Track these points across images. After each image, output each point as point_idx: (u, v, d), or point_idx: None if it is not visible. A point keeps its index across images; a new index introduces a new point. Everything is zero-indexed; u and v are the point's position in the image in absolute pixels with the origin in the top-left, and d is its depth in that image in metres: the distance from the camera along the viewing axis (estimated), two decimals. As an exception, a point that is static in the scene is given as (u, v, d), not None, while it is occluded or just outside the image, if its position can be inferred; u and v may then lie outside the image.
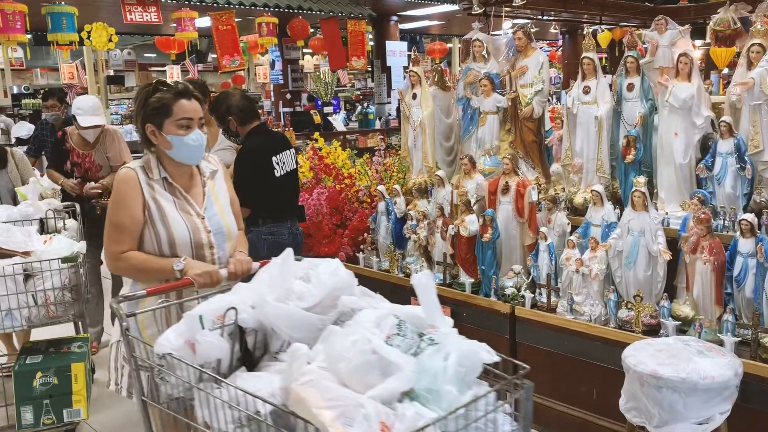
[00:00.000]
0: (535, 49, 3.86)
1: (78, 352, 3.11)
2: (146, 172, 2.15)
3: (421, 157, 4.16)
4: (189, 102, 2.14)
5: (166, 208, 2.13)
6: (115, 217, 2.12)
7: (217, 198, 2.27)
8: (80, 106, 4.19)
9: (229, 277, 2.09)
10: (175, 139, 2.11)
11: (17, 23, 7.43)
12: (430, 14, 12.75)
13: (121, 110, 19.01)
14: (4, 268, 2.87)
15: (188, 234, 2.14)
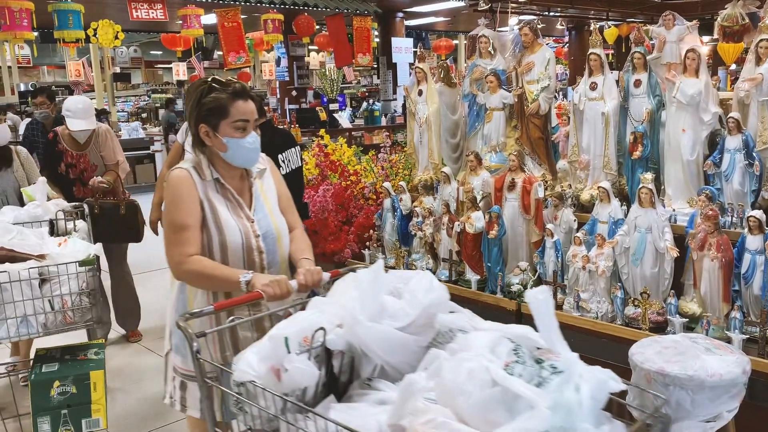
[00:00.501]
0: (541, 45, 3.84)
1: (96, 359, 3.00)
2: (198, 172, 2.07)
3: (427, 154, 4.15)
4: (245, 103, 2.03)
5: (220, 210, 2.05)
6: (176, 217, 2.01)
7: (267, 198, 2.18)
8: (69, 108, 4.12)
9: (299, 288, 1.93)
10: (231, 141, 2.02)
11: (24, 20, 7.47)
12: (436, 11, 12.73)
13: (127, 107, 19.10)
14: (19, 273, 2.74)
15: (241, 238, 2.06)
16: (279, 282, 1.87)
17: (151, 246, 4.21)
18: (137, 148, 11.83)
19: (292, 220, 2.27)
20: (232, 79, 2.07)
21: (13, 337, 2.80)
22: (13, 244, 2.84)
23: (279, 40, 10.42)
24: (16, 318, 2.76)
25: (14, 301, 2.71)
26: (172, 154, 4.06)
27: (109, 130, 4.45)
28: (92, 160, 4.25)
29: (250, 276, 1.91)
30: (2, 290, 2.71)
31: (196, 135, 2.06)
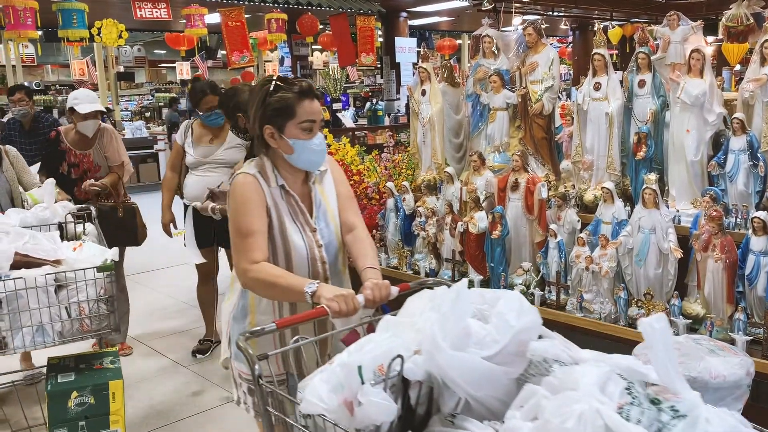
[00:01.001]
0: (545, 45, 3.83)
1: (113, 368, 2.89)
2: (264, 178, 1.97)
3: (430, 154, 4.15)
4: (312, 102, 1.94)
5: (285, 219, 1.97)
6: (243, 223, 1.92)
7: (328, 204, 2.07)
8: (76, 96, 4.03)
9: (366, 304, 1.76)
10: (298, 143, 1.93)
11: (28, 20, 7.49)
12: (440, 10, 12.72)
13: (130, 106, 19.12)
14: (36, 279, 2.61)
15: (305, 249, 1.97)
16: (345, 297, 1.71)
17: (151, 247, 4.22)
18: (141, 147, 11.85)
19: (353, 219, 2.13)
20: (297, 77, 2.04)
21: (29, 346, 2.69)
22: (27, 249, 2.71)
23: (282, 40, 10.44)
24: (32, 326, 2.65)
25: (30, 309, 2.61)
26: (173, 155, 4.06)
27: (114, 130, 4.33)
28: (96, 160, 4.15)
29: (316, 286, 1.77)
30: (18, 297, 2.60)
31: (260, 137, 1.97)
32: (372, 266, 1.95)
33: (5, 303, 2.59)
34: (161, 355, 4.09)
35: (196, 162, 3.84)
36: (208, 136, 3.88)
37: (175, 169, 3.98)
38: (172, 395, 3.67)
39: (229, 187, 2.06)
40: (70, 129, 4.12)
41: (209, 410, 3.46)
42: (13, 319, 2.61)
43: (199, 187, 3.78)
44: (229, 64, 10.41)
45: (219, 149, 3.84)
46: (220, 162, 3.82)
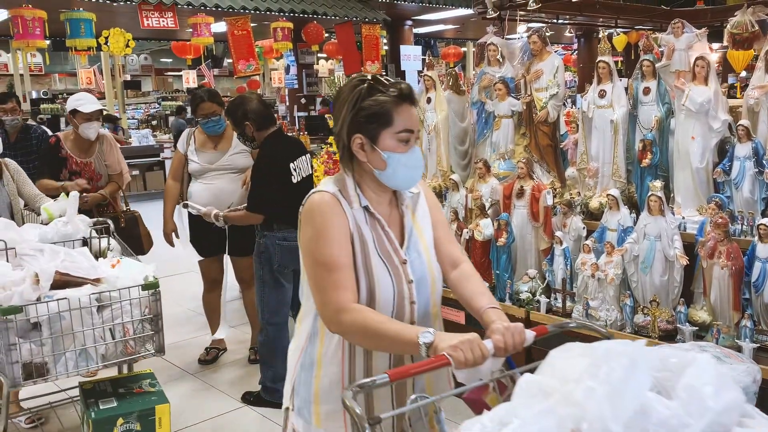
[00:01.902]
0: (550, 52, 3.84)
1: (155, 391, 2.77)
2: (344, 197, 1.64)
3: (436, 161, 4.16)
4: (411, 108, 1.62)
5: (369, 247, 1.63)
6: (326, 255, 1.57)
7: (421, 233, 1.73)
8: (78, 97, 3.90)
9: (496, 353, 1.43)
10: (393, 157, 1.60)
11: (36, 29, 7.56)
12: (445, 18, 12.77)
13: (137, 115, 19.24)
14: (80, 300, 2.45)
15: (392, 285, 1.62)
16: (471, 343, 1.39)
17: (156, 255, 4.23)
18: (147, 156, 11.91)
19: (457, 252, 1.79)
20: (398, 80, 1.67)
21: (72, 371, 2.52)
22: (66, 267, 2.54)
23: (288, 48, 10.48)
24: (75, 350, 2.50)
25: (74, 332, 2.46)
26: (174, 164, 4.03)
27: (112, 137, 4.19)
28: (97, 169, 4.00)
29: (432, 337, 1.42)
30: (61, 319, 2.45)
31: (347, 148, 1.63)
32: (494, 306, 1.60)
33: (46, 326, 2.44)
34: (168, 363, 4.11)
35: (202, 169, 3.85)
36: (212, 143, 3.89)
37: (177, 178, 3.96)
38: (179, 403, 3.67)
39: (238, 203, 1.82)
40: (70, 135, 3.95)
41: (216, 417, 3.46)
42: (55, 342, 2.46)
43: (206, 195, 3.79)
44: (235, 73, 10.46)
45: (225, 155, 3.85)
46: (227, 168, 3.83)
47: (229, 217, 3.46)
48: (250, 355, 4.16)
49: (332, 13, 10.38)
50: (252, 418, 3.46)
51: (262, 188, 3.30)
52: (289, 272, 3.42)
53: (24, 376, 2.43)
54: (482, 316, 1.58)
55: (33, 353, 2.43)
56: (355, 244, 1.61)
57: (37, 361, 2.44)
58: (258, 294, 3.43)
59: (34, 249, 2.66)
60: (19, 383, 2.42)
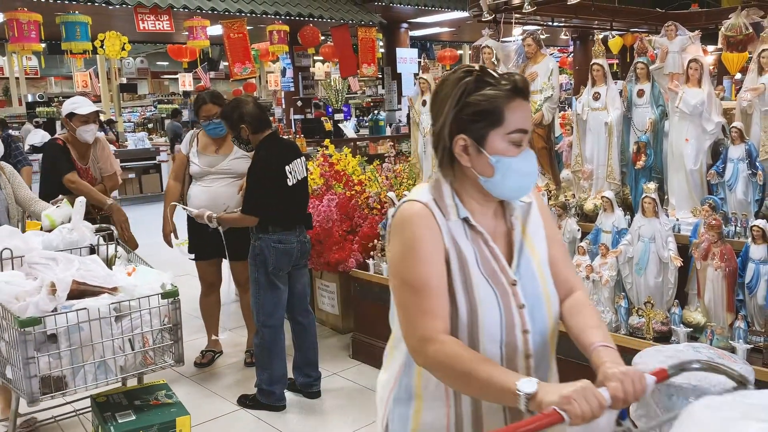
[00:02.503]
0: (544, 55, 3.86)
1: (173, 402, 2.69)
2: (440, 207, 1.40)
3: (431, 164, 4.17)
4: (524, 104, 1.38)
5: (470, 265, 1.38)
6: (414, 273, 1.35)
7: (534, 250, 1.46)
8: (74, 101, 3.81)
9: (613, 404, 1.18)
10: (503, 161, 1.35)
11: (32, 32, 7.55)
12: (441, 21, 12.79)
13: (133, 118, 19.23)
14: (99, 310, 2.37)
15: (499, 310, 1.36)
16: (585, 392, 1.15)
17: (152, 258, 4.23)
18: (143, 159, 11.91)
19: (572, 276, 1.52)
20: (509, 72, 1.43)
21: (90, 384, 2.44)
22: (83, 276, 2.45)
23: (284, 51, 10.48)
24: (94, 362, 2.41)
25: (93, 343, 2.38)
26: (176, 165, 4.06)
27: (104, 138, 4.09)
28: (94, 174, 3.93)
29: (535, 387, 1.18)
30: (80, 330, 2.36)
31: (447, 150, 1.40)
32: (607, 344, 1.32)
33: (64, 338, 2.35)
34: (189, 380, 4.10)
35: (202, 172, 3.85)
36: (214, 146, 3.90)
37: (178, 179, 3.98)
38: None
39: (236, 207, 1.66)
40: (68, 138, 3.85)
41: (212, 420, 3.46)
42: (73, 354, 2.37)
43: (203, 198, 3.80)
44: (231, 76, 10.46)
45: (225, 159, 3.85)
46: (226, 172, 3.83)
47: (223, 219, 3.47)
48: (246, 358, 4.16)
49: (328, 16, 10.40)
50: (248, 421, 3.46)
51: (258, 191, 3.30)
52: (284, 275, 3.43)
53: (41, 390, 2.34)
54: (592, 354, 1.31)
55: (51, 366, 2.34)
56: (451, 263, 1.37)
57: (55, 375, 2.35)
58: (253, 296, 3.44)
59: (46, 258, 2.56)
60: (37, 398, 2.33)
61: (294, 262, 3.44)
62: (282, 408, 3.52)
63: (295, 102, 12.18)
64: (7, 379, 2.50)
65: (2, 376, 2.54)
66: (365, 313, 4.12)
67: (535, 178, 1.44)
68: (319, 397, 3.66)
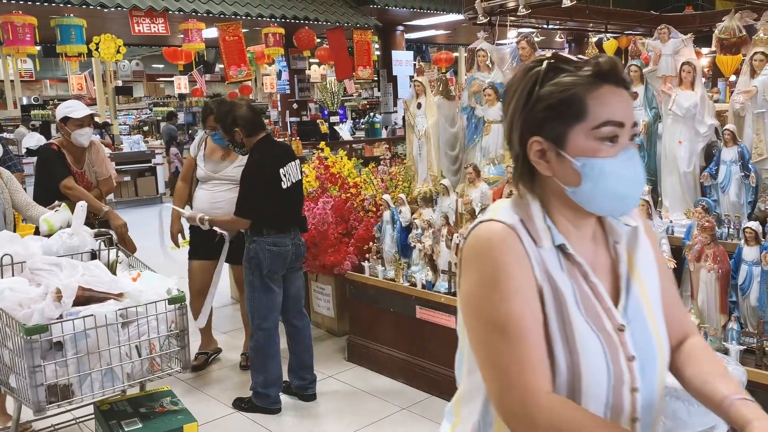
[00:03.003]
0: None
1: (179, 409, 2.65)
2: (528, 230, 1.11)
3: (426, 166, 4.18)
4: (617, 91, 1.08)
5: (569, 305, 1.09)
6: (503, 314, 1.05)
7: (644, 287, 1.16)
8: (69, 104, 3.79)
9: None
10: (590, 165, 1.07)
11: (27, 35, 7.54)
12: (436, 24, 12.82)
13: (129, 120, 19.19)
14: (106, 316, 2.33)
15: (606, 365, 1.08)
16: None
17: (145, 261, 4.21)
18: (139, 161, 11.88)
19: (687, 318, 1.28)
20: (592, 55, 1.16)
21: (97, 392, 2.39)
22: (88, 282, 2.42)
23: (280, 54, 10.49)
24: (101, 369, 2.37)
25: (99, 350, 2.34)
26: (185, 167, 4.05)
27: (99, 141, 4.05)
28: (89, 178, 3.89)
29: None
30: (86, 337, 2.31)
31: (522, 157, 1.14)
32: (744, 396, 1.08)
33: (70, 345, 2.30)
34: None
35: (206, 176, 3.85)
36: (221, 152, 3.88)
37: (186, 180, 4.01)
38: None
39: None
40: (63, 143, 3.80)
41: (207, 423, 3.45)
42: (80, 362, 2.33)
43: (204, 201, 3.80)
44: (226, 78, 10.46)
45: (230, 166, 3.83)
46: (229, 178, 3.80)
47: (215, 221, 3.46)
48: (242, 360, 4.16)
49: (324, 19, 10.41)
50: (243, 424, 3.45)
51: (251, 194, 3.30)
52: (279, 277, 3.43)
53: (47, 399, 2.29)
54: (728, 410, 1.06)
55: (57, 374, 2.29)
56: (545, 301, 1.08)
57: (62, 383, 2.31)
58: (248, 299, 3.43)
59: (50, 263, 2.52)
60: (44, 408, 2.28)
61: (289, 265, 3.44)
62: (277, 411, 3.52)
63: (291, 104, 12.19)
64: (10, 388, 2.47)
65: (5, 385, 2.51)
66: (361, 316, 4.13)
67: (641, 187, 1.14)
68: (315, 399, 3.65)
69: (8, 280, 2.52)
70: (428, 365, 3.68)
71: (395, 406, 3.56)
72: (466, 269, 1.13)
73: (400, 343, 3.84)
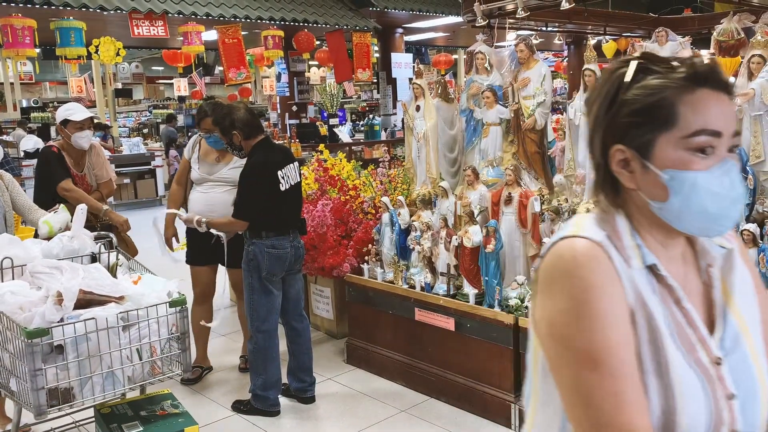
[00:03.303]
0: (537, 60, 3.88)
1: (180, 412, 2.63)
2: (618, 249, 0.99)
3: (425, 169, 4.19)
4: (713, 95, 0.96)
5: (663, 335, 0.97)
6: (595, 344, 0.93)
7: (739, 315, 1.04)
8: (69, 107, 3.76)
9: None
10: (679, 178, 0.96)
11: (26, 38, 7.55)
12: (435, 26, 12.84)
13: (128, 123, 19.20)
14: (107, 319, 2.33)
15: (706, 403, 0.96)
16: None
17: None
18: (138, 164, 11.89)
19: None
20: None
21: (98, 396, 2.40)
22: (89, 285, 2.41)
23: (279, 56, 10.51)
24: (102, 373, 2.37)
25: (100, 354, 2.34)
26: (180, 169, 3.98)
27: (98, 144, 4.06)
28: (90, 181, 3.89)
29: None
30: (87, 341, 2.31)
31: (604, 168, 1.03)
32: None
33: (71, 348, 2.30)
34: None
35: (200, 178, 3.84)
36: (215, 154, 3.87)
37: (181, 183, 3.97)
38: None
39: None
40: (63, 145, 3.81)
41: (206, 426, 3.46)
42: (81, 366, 2.33)
43: (200, 203, 3.79)
44: (226, 81, 10.48)
45: (225, 167, 3.82)
46: (224, 180, 3.80)
47: (212, 223, 3.46)
48: (241, 363, 4.15)
49: (323, 21, 10.43)
50: (242, 426, 3.45)
51: (249, 196, 3.31)
52: (278, 280, 3.43)
53: (49, 402, 2.29)
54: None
55: (58, 378, 2.29)
56: (638, 329, 0.96)
57: (63, 387, 2.31)
58: (247, 302, 3.44)
59: (50, 266, 2.51)
60: (45, 411, 2.29)
61: (288, 268, 3.44)
62: (276, 413, 3.52)
63: (291, 107, 12.20)
64: (11, 391, 2.46)
65: (5, 388, 2.51)
66: (360, 318, 4.13)
67: (739, 205, 1.00)
68: (314, 402, 3.66)
69: (9, 283, 2.52)
70: (427, 367, 3.68)
71: (394, 409, 3.56)
72: (546, 292, 0.99)
73: (399, 345, 3.84)
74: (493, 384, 3.36)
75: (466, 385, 3.47)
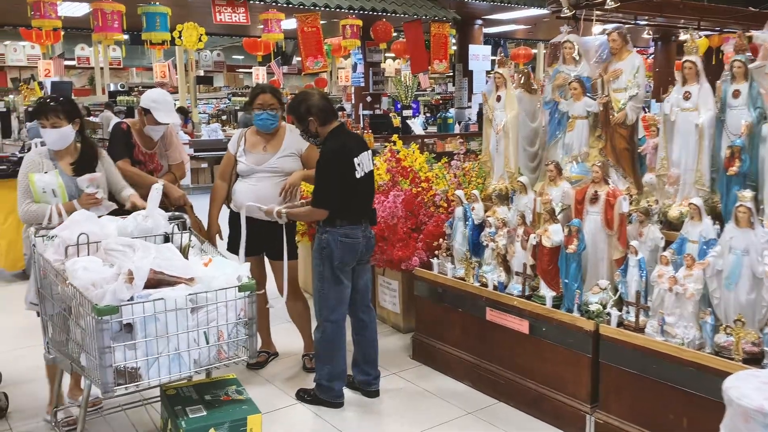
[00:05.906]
0: (630, 52, 3.63)
1: (244, 399, 2.64)
2: None
3: (503, 162, 4.01)
4: None
5: None
6: None
7: None
8: (156, 99, 3.66)
9: None
10: None
11: (115, 22, 7.82)
12: (516, 18, 12.52)
13: (208, 109, 19.74)
14: (176, 300, 2.32)
15: None
16: None
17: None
18: (216, 149, 12.14)
19: None
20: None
21: (164, 378, 2.38)
22: (160, 265, 2.40)
23: (356, 46, 10.50)
24: (168, 354, 2.35)
25: (168, 335, 2.33)
26: (223, 164, 3.84)
27: (172, 127, 3.90)
28: (160, 161, 3.83)
29: None
30: (156, 321, 2.31)
31: None
32: None
33: (140, 328, 2.29)
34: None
35: (249, 170, 3.74)
36: (262, 144, 3.79)
37: (225, 179, 3.84)
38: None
39: None
40: (136, 124, 3.77)
41: (269, 413, 3.42)
42: (148, 346, 2.33)
43: (249, 195, 3.69)
44: (303, 70, 10.57)
45: (273, 157, 3.74)
46: (273, 170, 3.71)
47: (292, 213, 3.41)
48: (305, 362, 4.05)
49: (402, 11, 10.33)
50: (305, 416, 3.41)
51: (327, 182, 3.23)
52: (349, 270, 3.35)
53: (116, 381, 2.30)
54: None
55: (126, 357, 2.30)
56: None
57: (130, 366, 2.32)
58: (316, 290, 3.38)
59: (123, 244, 2.50)
60: (111, 389, 2.30)
61: (359, 258, 3.36)
62: (340, 405, 3.45)
63: (365, 97, 12.18)
64: (81, 366, 2.49)
65: (77, 363, 2.54)
66: (427, 314, 4.01)
67: None
68: (378, 396, 3.57)
69: (83, 258, 2.55)
70: (496, 369, 3.53)
71: (460, 410, 3.43)
72: None
73: (467, 344, 3.70)
74: (568, 392, 3.18)
75: (537, 391, 3.30)
